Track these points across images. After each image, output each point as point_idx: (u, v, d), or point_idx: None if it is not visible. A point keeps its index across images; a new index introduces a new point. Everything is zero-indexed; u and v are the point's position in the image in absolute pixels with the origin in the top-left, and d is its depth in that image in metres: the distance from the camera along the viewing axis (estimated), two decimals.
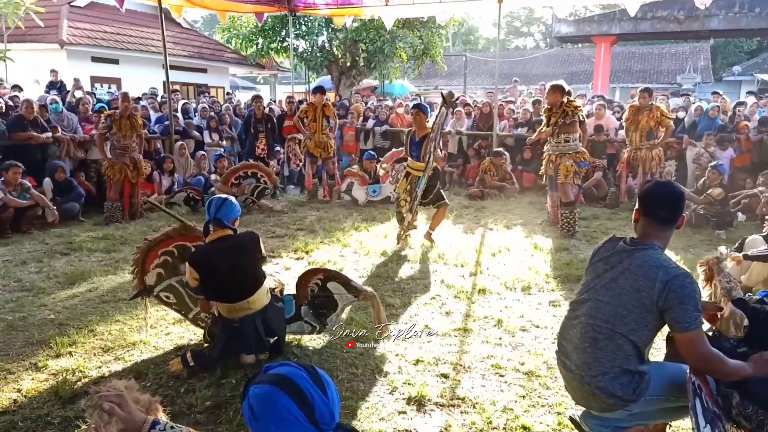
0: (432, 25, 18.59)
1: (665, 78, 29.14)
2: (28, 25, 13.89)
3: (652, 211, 2.41)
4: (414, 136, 6.26)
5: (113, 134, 7.52)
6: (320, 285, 3.74)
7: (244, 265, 3.42)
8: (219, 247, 3.38)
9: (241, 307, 3.44)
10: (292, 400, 1.28)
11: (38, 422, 2.95)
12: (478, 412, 3.02)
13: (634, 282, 2.30)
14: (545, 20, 49.51)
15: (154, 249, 3.78)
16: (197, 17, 42.62)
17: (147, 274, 3.81)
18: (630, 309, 2.30)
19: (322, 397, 1.30)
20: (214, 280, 3.37)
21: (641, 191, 2.49)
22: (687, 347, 2.26)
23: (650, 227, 2.42)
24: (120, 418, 1.38)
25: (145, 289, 3.85)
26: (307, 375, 1.33)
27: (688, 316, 2.22)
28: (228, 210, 3.43)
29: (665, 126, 8.07)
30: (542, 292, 4.91)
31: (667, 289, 2.22)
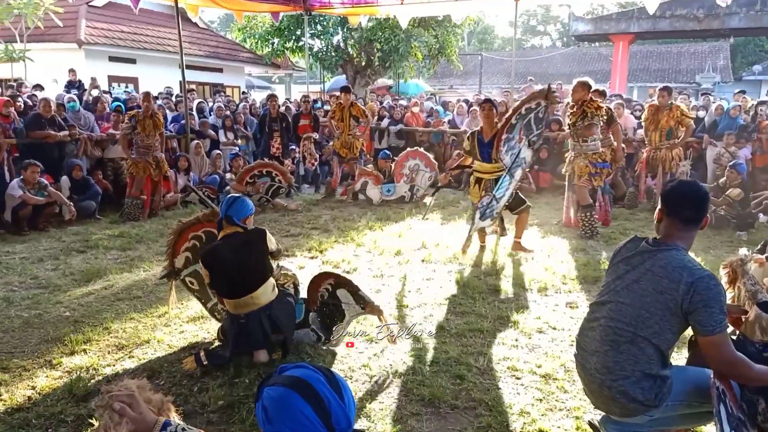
0: (447, 24, 18.51)
1: (684, 77, 28.75)
2: (46, 25, 14.04)
3: (675, 210, 2.34)
4: (482, 136, 5.75)
5: (137, 134, 7.62)
6: (330, 291, 3.74)
7: (249, 261, 3.46)
8: (226, 244, 3.45)
9: (246, 303, 3.46)
10: (308, 403, 1.24)
11: (52, 420, 2.95)
12: (494, 415, 2.97)
13: (657, 283, 2.24)
14: (562, 19, 49.18)
15: (185, 232, 3.90)
16: (213, 17, 42.97)
17: (177, 256, 3.92)
18: (653, 311, 2.23)
19: (339, 402, 1.26)
20: (220, 276, 3.44)
21: (664, 190, 2.42)
22: (711, 351, 2.19)
23: (674, 227, 2.35)
24: (131, 418, 1.35)
25: (173, 271, 3.96)
26: (323, 378, 1.28)
27: (713, 319, 2.15)
28: (239, 208, 3.50)
29: (685, 125, 7.93)
30: (559, 294, 4.83)
31: (692, 291, 2.16)
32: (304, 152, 10.31)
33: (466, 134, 10.25)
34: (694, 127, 8.68)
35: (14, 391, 3.22)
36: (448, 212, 8.25)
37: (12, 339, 3.92)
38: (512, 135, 5.51)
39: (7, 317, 4.28)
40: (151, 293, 4.82)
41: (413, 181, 8.99)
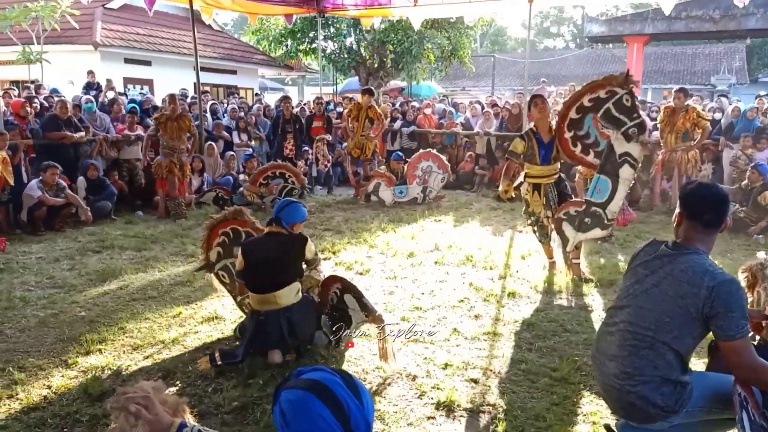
0: (460, 26, 18.47)
1: (699, 79, 28.46)
2: (63, 27, 14.17)
3: (696, 214, 2.30)
4: (540, 137, 5.07)
5: (161, 135, 7.71)
6: (338, 295, 3.77)
7: (282, 261, 3.55)
8: (268, 240, 3.62)
9: (267, 300, 3.53)
10: (326, 407, 1.21)
11: (67, 419, 2.96)
12: (509, 419, 2.94)
13: (677, 288, 2.20)
14: (575, 20, 48.91)
15: (215, 228, 4.07)
16: (227, 20, 43.18)
17: (210, 250, 4.09)
18: (673, 316, 2.20)
19: (358, 406, 1.24)
20: (253, 267, 3.55)
21: (683, 193, 2.39)
22: (733, 357, 2.15)
23: (694, 231, 2.31)
24: (147, 420, 1.34)
25: (208, 264, 4.13)
26: (341, 381, 1.26)
27: (734, 324, 2.11)
28: (289, 212, 3.67)
29: (702, 127, 7.85)
30: (574, 297, 4.79)
31: (713, 295, 2.12)
32: (317, 154, 10.33)
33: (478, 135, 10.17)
34: (711, 129, 8.58)
35: (30, 391, 3.24)
36: (461, 214, 8.22)
37: (28, 338, 3.96)
38: (582, 131, 4.92)
39: (24, 316, 4.32)
40: (165, 293, 4.84)
41: (426, 182, 8.97)
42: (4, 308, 4.47)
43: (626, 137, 4.64)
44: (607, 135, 4.78)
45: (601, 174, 4.79)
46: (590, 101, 4.81)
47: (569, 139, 4.98)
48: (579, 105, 4.89)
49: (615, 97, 4.67)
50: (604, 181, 4.77)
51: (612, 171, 4.73)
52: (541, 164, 5.11)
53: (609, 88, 4.71)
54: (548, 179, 5.17)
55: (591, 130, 4.92)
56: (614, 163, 4.70)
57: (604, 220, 4.83)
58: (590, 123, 4.90)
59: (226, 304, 4.51)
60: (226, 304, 4.51)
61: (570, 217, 4.99)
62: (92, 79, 13.06)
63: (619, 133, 4.66)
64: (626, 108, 4.65)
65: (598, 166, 4.83)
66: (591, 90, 4.82)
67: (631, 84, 4.70)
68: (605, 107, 4.70)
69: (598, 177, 4.80)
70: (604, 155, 4.76)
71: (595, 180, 4.84)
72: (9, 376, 3.38)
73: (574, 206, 5.00)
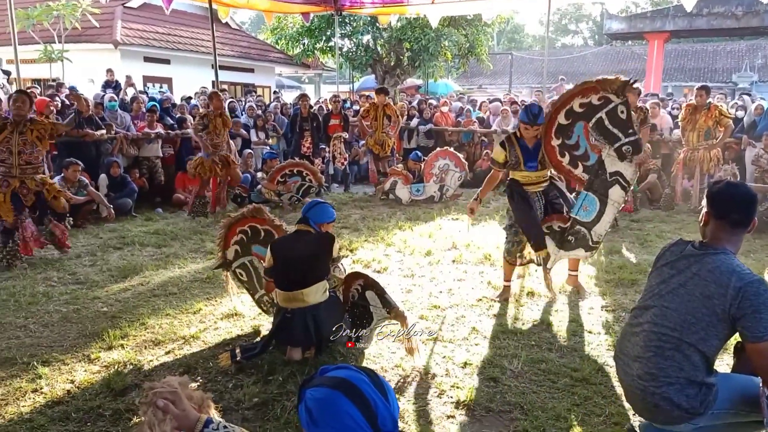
0: (478, 23, 18.37)
1: (720, 77, 28.03)
2: (83, 26, 14.36)
3: (724, 213, 2.27)
4: (525, 142, 4.49)
5: (207, 133, 7.65)
6: (360, 292, 3.76)
7: (310, 259, 3.55)
8: (297, 239, 3.62)
9: (295, 297, 3.53)
10: (354, 405, 1.22)
11: (90, 414, 3.00)
12: (529, 419, 2.92)
13: (704, 288, 2.17)
14: (594, 17, 48.40)
15: (233, 226, 4.08)
16: (245, 18, 43.42)
17: (228, 249, 4.10)
18: (699, 317, 2.17)
19: (385, 403, 1.24)
20: (281, 265, 3.55)
21: (711, 192, 2.35)
22: (759, 358, 2.12)
23: (721, 230, 2.28)
24: (174, 415, 1.35)
25: (225, 263, 4.14)
26: (367, 379, 1.26)
27: (762, 325, 2.08)
28: (317, 213, 3.69)
29: (724, 126, 7.74)
30: (594, 296, 4.74)
31: (741, 296, 2.09)
32: (334, 152, 10.36)
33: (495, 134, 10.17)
34: (734, 128, 8.44)
35: (54, 385, 3.28)
36: (479, 213, 8.15)
37: (51, 333, 4.01)
38: (571, 141, 4.34)
39: (47, 312, 4.38)
40: (185, 290, 4.89)
41: (443, 180, 8.95)
42: (28, 303, 4.53)
43: (619, 155, 4.17)
44: (599, 149, 4.27)
45: (588, 191, 4.33)
46: (581, 106, 4.26)
47: (556, 147, 4.38)
48: (569, 109, 4.31)
49: (609, 106, 4.15)
50: (592, 199, 4.31)
51: (601, 190, 4.28)
52: (527, 171, 4.51)
53: (602, 94, 4.17)
54: (536, 186, 4.55)
55: (581, 140, 4.31)
56: (604, 182, 4.25)
57: (589, 242, 4.38)
58: (581, 132, 4.31)
59: (245, 301, 4.53)
60: (246, 300, 4.53)
61: (552, 233, 4.49)
62: (111, 77, 13.21)
63: (611, 149, 4.19)
64: (621, 121, 4.13)
65: (587, 182, 4.34)
66: (582, 93, 4.26)
67: (629, 92, 4.20)
68: (597, 116, 4.19)
69: (586, 194, 4.34)
70: (594, 171, 4.29)
71: (582, 196, 4.38)
72: (33, 370, 3.43)
73: (560, 221, 4.47)
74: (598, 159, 4.28)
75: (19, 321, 4.20)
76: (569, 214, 4.46)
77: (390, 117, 9.33)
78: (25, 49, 14.94)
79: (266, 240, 3.94)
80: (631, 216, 7.79)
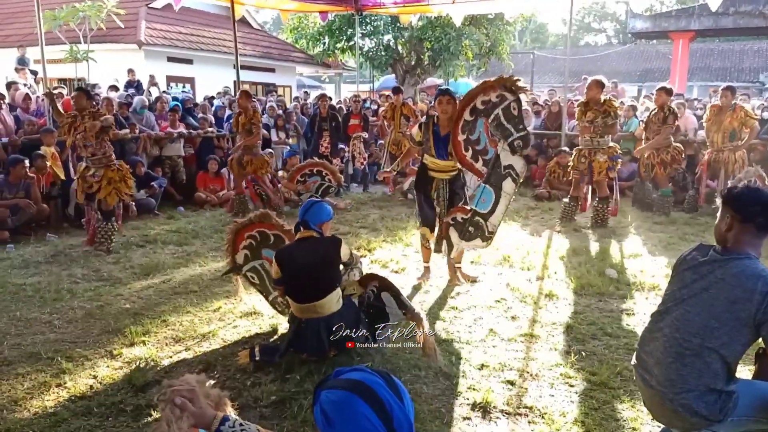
0: (499, 22, 18.27)
1: (747, 76, 27.50)
2: (108, 26, 14.57)
3: (751, 217, 2.22)
4: (438, 128, 4.84)
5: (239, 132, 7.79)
6: (375, 293, 3.71)
7: (318, 269, 3.48)
8: (300, 247, 3.53)
9: (308, 309, 3.48)
10: (370, 407, 1.22)
11: (112, 409, 3.06)
12: (546, 422, 2.91)
13: (729, 293, 2.13)
14: (619, 15, 47.78)
15: (241, 232, 4.07)
16: (267, 18, 43.70)
17: (237, 253, 4.10)
18: (723, 322, 2.13)
19: (400, 406, 1.24)
20: (289, 277, 3.50)
21: (734, 196, 2.29)
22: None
23: (746, 234, 2.23)
24: (191, 413, 1.38)
25: (235, 267, 4.14)
26: (383, 381, 1.26)
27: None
28: (315, 213, 3.60)
29: (749, 127, 7.60)
30: (614, 300, 4.70)
31: (767, 301, 2.05)
32: (354, 152, 10.40)
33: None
34: (759, 129, 8.28)
35: (77, 380, 3.35)
36: None
37: (75, 329, 4.10)
38: (474, 136, 4.67)
39: (71, 308, 4.47)
40: (206, 288, 4.95)
41: None
42: (53, 300, 4.63)
43: (511, 149, 4.47)
44: (496, 143, 4.58)
45: (486, 184, 4.60)
46: (482, 103, 4.57)
47: (462, 143, 4.70)
48: (473, 106, 4.62)
49: (504, 102, 4.48)
50: (489, 191, 4.59)
51: (496, 183, 4.55)
52: (436, 157, 4.83)
53: (500, 92, 4.49)
54: (443, 174, 4.89)
55: (481, 136, 4.65)
56: (498, 175, 4.53)
57: (485, 232, 4.64)
58: (481, 128, 4.64)
59: (263, 300, 4.58)
60: (264, 299, 4.59)
61: (456, 223, 4.77)
62: (132, 77, 13.40)
63: (505, 144, 4.49)
64: (513, 117, 4.46)
65: (485, 175, 4.64)
66: (483, 91, 4.57)
67: (519, 91, 4.48)
68: (495, 113, 4.51)
69: (484, 187, 4.62)
70: (491, 164, 4.58)
71: (480, 189, 4.66)
72: (57, 365, 3.51)
73: (461, 213, 4.75)
74: (495, 153, 4.60)
75: (44, 317, 4.30)
76: (470, 205, 4.75)
77: (408, 117, 9.36)
78: (52, 50, 15.17)
79: (276, 244, 3.93)
80: (653, 218, 7.70)
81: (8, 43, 16.33)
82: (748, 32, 24.47)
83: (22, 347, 3.78)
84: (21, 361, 3.57)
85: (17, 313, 4.35)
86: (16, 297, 4.70)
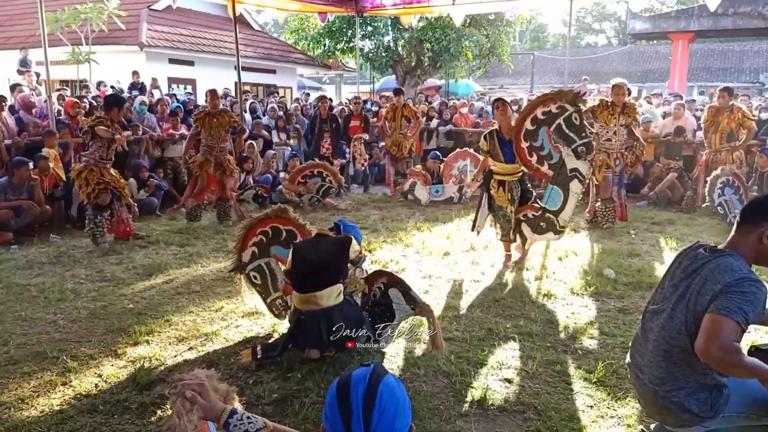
0: (499, 23, 18.34)
1: (747, 77, 27.57)
2: (110, 28, 14.64)
3: (745, 218, 2.27)
4: (502, 135, 5.38)
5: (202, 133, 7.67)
6: (382, 290, 3.76)
7: (327, 263, 3.57)
8: (317, 242, 3.67)
9: (308, 300, 3.54)
10: (338, 408, 1.35)
11: (117, 406, 3.11)
12: (543, 419, 2.96)
13: (702, 287, 2.17)
14: (619, 15, 47.81)
15: (254, 227, 4.05)
16: (268, 19, 43.80)
17: (245, 250, 4.06)
18: (696, 316, 2.15)
19: (359, 419, 1.32)
20: (298, 267, 3.59)
21: (745, 206, 2.35)
22: (710, 330, 2.02)
23: (740, 235, 2.27)
24: (201, 406, 1.45)
25: (240, 265, 4.10)
26: (363, 386, 1.35)
27: (730, 303, 2.03)
28: (355, 231, 3.94)
29: (747, 128, 7.67)
30: (611, 299, 4.76)
31: (726, 287, 2.08)
32: (354, 153, 10.46)
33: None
34: (756, 130, 8.34)
35: (83, 378, 3.41)
36: None
37: (80, 329, 4.16)
38: (537, 143, 5.17)
39: (75, 308, 4.53)
40: (208, 288, 5.01)
41: (462, 182, 8.98)
42: (57, 300, 4.69)
43: (575, 154, 5.04)
44: (560, 149, 5.11)
45: (554, 185, 5.22)
46: (543, 114, 5.09)
47: (525, 149, 5.23)
48: (533, 117, 5.13)
49: (565, 113, 5.02)
50: (557, 191, 5.21)
51: (563, 183, 5.17)
52: (505, 162, 5.37)
53: (559, 104, 5.03)
54: (513, 176, 5.44)
55: (545, 142, 5.15)
56: (565, 177, 5.13)
57: (556, 226, 5.29)
58: (544, 136, 5.14)
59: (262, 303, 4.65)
60: None
61: (528, 219, 5.44)
62: (137, 79, 13.47)
63: (569, 150, 5.06)
64: (575, 126, 5.03)
65: (551, 177, 5.22)
66: (543, 103, 5.09)
67: (580, 103, 5.02)
68: (557, 122, 5.06)
69: (552, 188, 5.24)
70: (557, 168, 5.15)
71: (549, 190, 5.28)
72: (63, 364, 3.57)
73: (532, 210, 5.40)
74: (560, 158, 5.14)
75: (48, 317, 4.36)
76: (539, 203, 5.37)
77: (409, 118, 9.45)
78: (54, 51, 15.27)
79: (288, 240, 3.97)
80: (653, 219, 7.76)
81: (10, 45, 16.41)
82: (747, 33, 24.52)
83: (27, 346, 3.85)
84: (27, 360, 3.63)
85: (22, 313, 4.41)
86: (21, 297, 4.76)
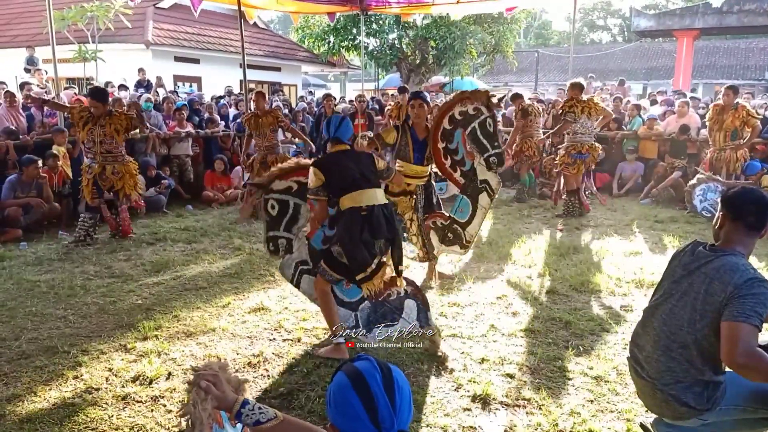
0: (503, 21, 18.34)
1: (752, 74, 27.48)
2: (116, 26, 14.71)
3: (740, 215, 2.32)
4: (415, 133, 4.83)
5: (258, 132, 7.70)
6: (401, 296, 3.70)
7: (366, 169, 3.59)
8: (343, 155, 3.62)
9: (370, 195, 3.51)
10: (359, 398, 1.37)
11: (127, 400, 3.19)
12: (544, 413, 3.02)
13: (708, 286, 2.23)
14: (623, 12, 47.65)
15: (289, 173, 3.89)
16: (273, 17, 43.81)
17: (282, 179, 3.87)
18: (703, 315, 2.23)
19: (387, 403, 1.37)
20: (342, 175, 3.51)
21: (728, 196, 2.40)
22: (731, 338, 2.07)
23: (736, 233, 2.32)
24: (214, 396, 1.52)
25: (265, 186, 3.92)
26: (380, 377, 1.40)
27: (745, 307, 2.09)
28: (345, 128, 3.69)
29: (751, 126, 7.68)
30: (613, 296, 4.80)
31: (737, 289, 2.14)
32: None
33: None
34: (761, 128, 8.36)
35: (93, 372, 3.49)
36: (501, 211, 8.25)
37: (90, 324, 4.23)
38: (452, 146, 4.74)
39: (85, 304, 4.61)
40: (215, 285, 5.08)
41: None
42: (67, 296, 4.77)
43: (487, 164, 4.65)
44: (473, 156, 4.71)
45: (464, 195, 4.81)
46: (460, 114, 4.66)
47: (441, 150, 4.80)
48: (451, 115, 4.71)
49: (480, 117, 4.60)
50: (466, 202, 4.80)
51: (473, 195, 4.76)
52: (414, 163, 4.83)
53: (476, 105, 4.61)
54: (419, 180, 4.92)
55: (459, 146, 4.73)
56: (475, 188, 4.73)
57: (463, 240, 4.87)
58: (459, 139, 4.72)
59: (271, 296, 4.72)
60: (272, 295, 4.72)
61: (436, 228, 4.99)
62: (143, 77, 13.56)
63: (482, 158, 4.66)
64: (489, 133, 4.62)
65: (462, 186, 4.81)
66: (461, 101, 4.66)
67: (494, 107, 4.65)
68: (472, 126, 4.63)
69: (462, 197, 4.83)
70: (469, 177, 4.75)
71: (459, 199, 4.87)
72: (74, 358, 3.65)
73: (440, 218, 4.96)
74: (472, 165, 4.73)
75: (59, 312, 4.44)
76: (448, 212, 4.93)
77: None
78: (60, 49, 15.32)
79: None
80: (656, 216, 7.79)
81: (16, 43, 16.52)
82: (751, 30, 24.48)
83: (39, 341, 3.92)
84: (39, 355, 3.71)
85: (33, 308, 4.49)
86: (31, 293, 4.84)
